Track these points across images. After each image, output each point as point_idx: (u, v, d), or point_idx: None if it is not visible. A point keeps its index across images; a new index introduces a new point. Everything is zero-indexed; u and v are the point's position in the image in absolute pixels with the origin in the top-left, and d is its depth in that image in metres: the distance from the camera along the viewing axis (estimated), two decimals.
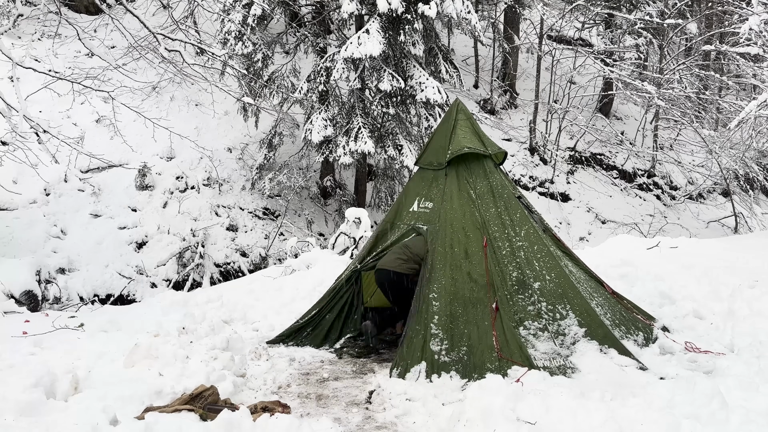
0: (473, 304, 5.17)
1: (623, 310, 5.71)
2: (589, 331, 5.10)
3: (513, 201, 5.74)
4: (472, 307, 5.17)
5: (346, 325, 6.26)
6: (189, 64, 9.40)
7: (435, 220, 5.67)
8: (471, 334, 5.05)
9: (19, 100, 7.98)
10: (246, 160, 14.54)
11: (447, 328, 5.09)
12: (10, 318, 7.28)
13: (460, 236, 5.50)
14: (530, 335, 5.06)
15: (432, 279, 5.33)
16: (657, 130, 18.86)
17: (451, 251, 5.44)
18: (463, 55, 20.69)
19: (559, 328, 5.11)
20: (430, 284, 5.31)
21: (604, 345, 5.05)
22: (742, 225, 17.16)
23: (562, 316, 5.16)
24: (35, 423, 3.83)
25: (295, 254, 10.55)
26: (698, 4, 21.96)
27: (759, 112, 10.64)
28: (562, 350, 4.98)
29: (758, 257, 8.34)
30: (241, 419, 3.91)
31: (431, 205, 5.80)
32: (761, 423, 3.85)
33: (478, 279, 5.27)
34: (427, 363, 4.96)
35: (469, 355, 4.96)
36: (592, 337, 5.07)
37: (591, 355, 4.92)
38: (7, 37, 13.50)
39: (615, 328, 5.33)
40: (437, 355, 4.99)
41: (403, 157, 13.01)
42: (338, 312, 6.21)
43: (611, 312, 5.55)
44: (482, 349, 4.96)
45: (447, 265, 5.37)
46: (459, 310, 5.17)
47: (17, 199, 11.39)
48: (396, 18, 11.96)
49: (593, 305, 5.34)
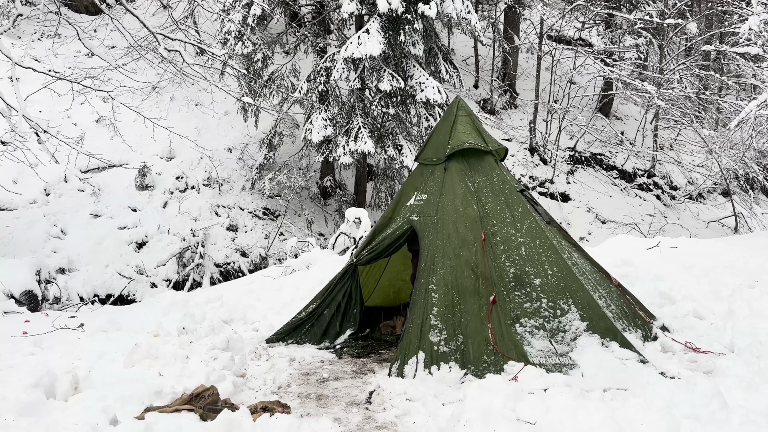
0: (471, 294, 5.18)
1: (625, 305, 5.71)
2: (591, 324, 5.08)
3: (515, 196, 5.71)
4: (470, 297, 5.17)
5: (346, 320, 6.25)
6: (189, 64, 9.41)
7: (431, 211, 5.64)
8: (468, 324, 5.05)
9: (18, 100, 7.98)
10: (246, 160, 14.54)
11: (444, 317, 5.10)
12: (10, 318, 7.30)
13: (458, 227, 5.48)
14: (526, 332, 5.05)
15: (430, 269, 5.33)
16: (657, 130, 18.86)
17: (449, 241, 5.43)
18: (463, 55, 20.69)
19: (560, 325, 5.09)
20: (429, 275, 5.30)
21: (606, 338, 5.02)
22: (742, 225, 17.17)
23: (563, 312, 5.14)
24: (35, 423, 3.83)
25: (295, 254, 10.56)
26: (698, 4, 21.96)
27: (759, 112, 10.64)
28: (560, 347, 4.97)
29: (758, 257, 8.34)
30: (241, 419, 3.91)
31: (425, 197, 5.77)
32: (761, 423, 3.85)
33: (475, 269, 5.28)
34: (425, 354, 4.96)
35: (466, 345, 4.97)
36: (594, 331, 5.06)
37: (592, 349, 4.91)
38: (6, 37, 13.51)
39: (617, 321, 5.32)
40: (436, 345, 4.99)
41: (403, 157, 13.01)
42: (336, 307, 6.20)
43: (615, 305, 5.55)
44: (479, 341, 4.97)
45: (445, 255, 5.37)
46: (456, 298, 5.17)
47: (17, 199, 11.39)
48: (396, 18, 11.96)
49: (596, 297, 5.32)
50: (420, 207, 5.76)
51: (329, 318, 6.17)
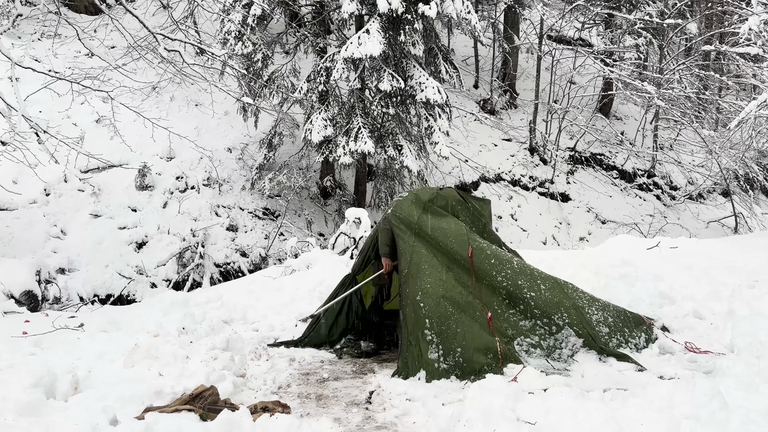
0: (464, 307, 5.09)
1: (626, 311, 5.70)
2: (587, 341, 5.09)
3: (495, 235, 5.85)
4: (464, 308, 5.09)
5: (346, 329, 6.25)
6: (189, 64, 9.40)
7: (414, 227, 5.52)
8: (465, 334, 4.97)
9: (18, 100, 7.98)
10: (246, 160, 14.54)
11: (439, 330, 4.99)
12: (10, 318, 7.29)
13: (447, 240, 5.41)
14: (522, 351, 5.02)
15: (417, 281, 5.21)
16: (657, 130, 18.87)
17: (438, 254, 5.36)
18: (463, 55, 20.69)
19: (556, 342, 5.07)
20: (415, 287, 5.19)
21: (603, 354, 5.05)
22: (742, 225, 17.18)
23: (558, 328, 5.11)
24: (35, 423, 3.82)
25: (295, 254, 10.56)
26: (698, 4, 21.97)
27: (759, 112, 10.64)
28: (557, 364, 4.95)
29: (758, 257, 8.33)
30: (241, 419, 3.91)
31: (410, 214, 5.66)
32: (761, 423, 3.84)
33: (466, 283, 5.22)
34: (426, 372, 4.91)
35: (465, 357, 4.89)
36: (591, 347, 5.07)
37: (590, 365, 4.93)
38: (6, 37, 13.51)
39: (614, 335, 5.31)
40: (436, 363, 4.92)
41: (403, 157, 13.01)
42: (336, 315, 6.18)
43: (612, 316, 5.50)
44: (477, 350, 4.90)
45: (434, 267, 5.28)
46: (450, 309, 5.07)
47: (17, 199, 11.38)
48: (396, 18, 11.96)
49: (590, 314, 5.32)
50: (407, 221, 5.61)
51: (329, 326, 6.15)
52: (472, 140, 17.71)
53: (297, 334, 6.45)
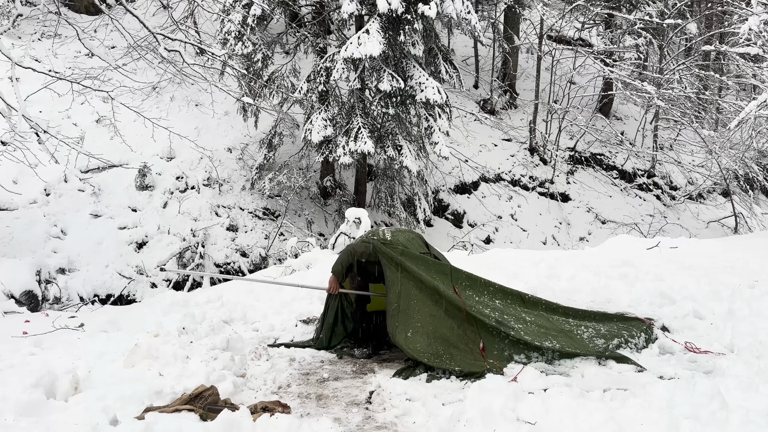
0: (455, 343, 5.14)
1: (623, 315, 5.71)
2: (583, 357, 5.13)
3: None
4: (456, 342, 5.15)
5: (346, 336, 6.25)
6: (189, 64, 9.41)
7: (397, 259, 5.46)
8: (460, 363, 5.02)
9: (18, 100, 7.99)
10: (246, 160, 14.54)
11: (433, 362, 5.05)
12: (10, 318, 7.30)
13: (431, 276, 5.41)
14: (522, 363, 5.04)
15: (407, 318, 5.23)
16: (657, 130, 18.88)
17: (424, 288, 5.34)
18: (463, 55, 20.69)
19: (552, 356, 5.11)
20: (405, 322, 5.20)
21: (601, 358, 5.08)
22: (742, 225, 17.18)
23: (552, 352, 5.12)
24: (35, 423, 3.83)
25: (295, 254, 10.56)
26: (698, 4, 21.98)
27: (759, 112, 10.65)
28: (557, 369, 5.00)
29: (758, 257, 8.35)
30: (241, 419, 3.91)
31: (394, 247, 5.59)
32: (761, 423, 3.85)
33: (456, 317, 5.23)
34: (427, 375, 5.00)
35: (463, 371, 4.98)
36: (587, 356, 5.10)
37: (590, 369, 4.95)
38: (6, 37, 13.51)
39: (611, 341, 5.34)
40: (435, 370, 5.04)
41: (403, 157, 13.01)
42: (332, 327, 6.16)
43: (606, 327, 5.55)
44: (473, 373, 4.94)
45: (422, 302, 5.29)
46: (441, 349, 5.12)
47: (17, 199, 11.39)
48: (396, 18, 11.96)
49: (579, 334, 5.37)
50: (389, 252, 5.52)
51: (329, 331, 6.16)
52: (472, 140, 17.72)
53: (297, 334, 6.45)
